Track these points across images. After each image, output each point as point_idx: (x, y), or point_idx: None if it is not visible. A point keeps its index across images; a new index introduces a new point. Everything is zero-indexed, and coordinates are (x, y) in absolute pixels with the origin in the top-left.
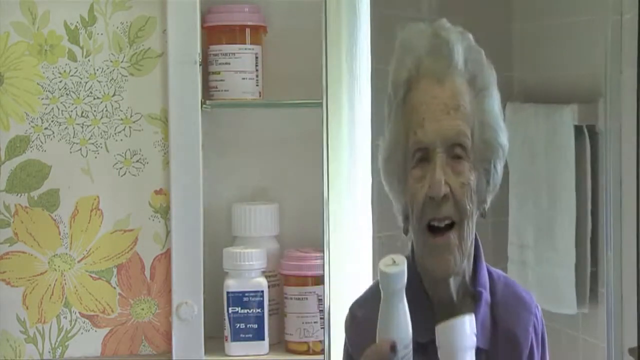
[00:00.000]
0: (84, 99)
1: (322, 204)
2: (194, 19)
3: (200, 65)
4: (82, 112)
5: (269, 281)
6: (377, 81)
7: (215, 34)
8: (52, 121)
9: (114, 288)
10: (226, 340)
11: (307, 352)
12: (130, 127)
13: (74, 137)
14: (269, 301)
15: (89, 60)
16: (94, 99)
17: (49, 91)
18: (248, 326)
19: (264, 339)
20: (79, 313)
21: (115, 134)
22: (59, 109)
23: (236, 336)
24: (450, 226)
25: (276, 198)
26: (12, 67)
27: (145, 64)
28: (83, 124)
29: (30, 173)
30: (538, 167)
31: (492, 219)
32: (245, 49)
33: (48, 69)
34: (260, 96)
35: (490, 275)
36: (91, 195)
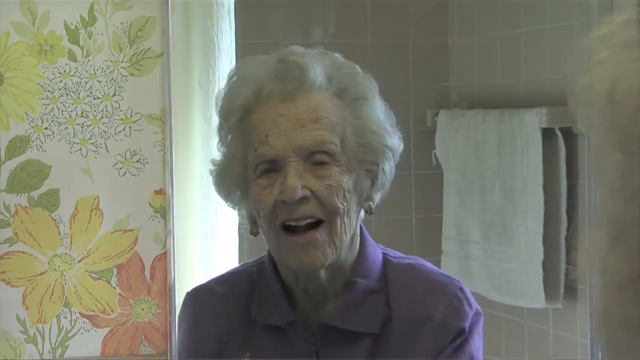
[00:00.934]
0: (84, 99)
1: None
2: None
3: None
4: (82, 112)
5: None
6: None
7: None
8: (52, 121)
9: (114, 288)
10: None
11: None
12: (130, 127)
13: (74, 137)
14: None
15: (89, 60)
16: (94, 99)
17: (49, 91)
18: None
19: None
20: (79, 313)
21: (115, 134)
22: (59, 109)
23: None
24: (314, 225)
25: None
26: (12, 67)
27: (145, 64)
28: (83, 124)
29: (30, 173)
30: (487, 167)
31: (423, 214)
32: None
33: (48, 69)
34: None
35: (389, 264)
36: (91, 195)
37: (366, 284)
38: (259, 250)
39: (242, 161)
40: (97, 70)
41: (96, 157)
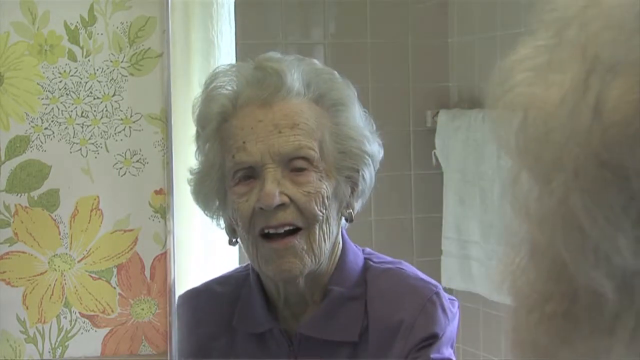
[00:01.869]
0: (84, 99)
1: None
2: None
3: None
4: (82, 112)
5: None
6: None
7: None
8: (52, 121)
9: (114, 288)
10: None
11: None
12: (130, 127)
13: (74, 137)
14: None
15: (89, 60)
16: (94, 99)
17: (49, 91)
18: None
19: None
20: (79, 313)
21: (115, 134)
22: (59, 109)
23: None
24: (293, 232)
25: None
26: (12, 67)
27: (145, 64)
28: (83, 124)
29: (30, 173)
30: (487, 167)
31: (423, 214)
32: None
33: (48, 69)
34: None
35: (370, 270)
36: (91, 195)
37: (342, 291)
38: None
39: (220, 169)
40: (97, 70)
41: (96, 157)
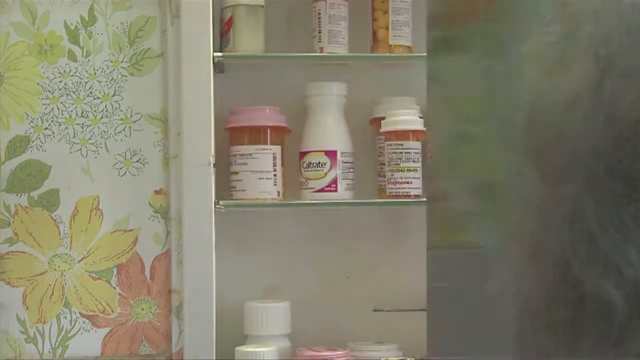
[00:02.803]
0: (84, 99)
1: None
2: (208, 121)
3: (214, 166)
4: (82, 112)
5: None
6: None
7: (237, 135)
8: (52, 121)
9: (114, 288)
10: None
11: None
12: (130, 127)
13: (74, 137)
14: None
15: (89, 60)
16: (94, 99)
17: (49, 91)
18: None
19: None
20: (79, 313)
21: (115, 134)
22: (59, 109)
23: None
24: None
25: (288, 296)
26: (12, 67)
27: (145, 64)
28: (83, 124)
29: (30, 173)
30: None
31: None
32: (264, 149)
33: (48, 69)
34: (279, 195)
35: None
36: (91, 195)
37: None
38: None
39: None
40: (97, 70)
41: (96, 157)
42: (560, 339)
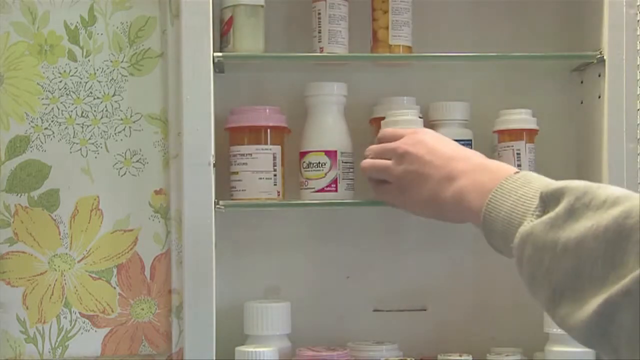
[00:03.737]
0: (84, 99)
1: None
2: (208, 121)
3: (214, 166)
4: (82, 112)
5: None
6: None
7: (237, 135)
8: (52, 121)
9: (114, 288)
10: None
11: None
12: (130, 127)
13: (74, 137)
14: None
15: (89, 60)
16: (94, 99)
17: (49, 91)
18: None
19: None
20: (79, 313)
21: (115, 134)
22: (59, 109)
23: None
24: None
25: (288, 296)
26: (12, 67)
27: (145, 64)
28: (83, 124)
29: (30, 173)
30: None
31: None
32: (264, 149)
33: (48, 69)
34: (279, 195)
35: None
36: (91, 195)
37: None
38: None
39: None
40: (97, 70)
41: (96, 157)
42: None
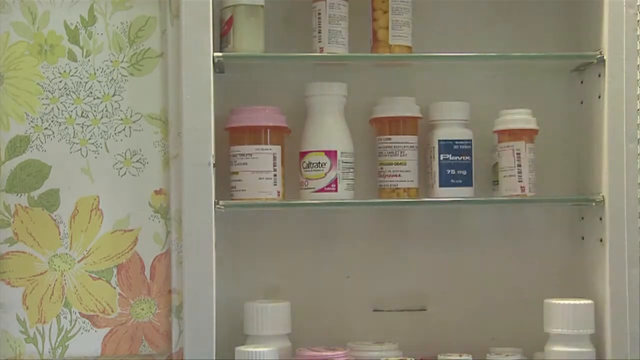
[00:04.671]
0: (84, 99)
1: None
2: (208, 121)
3: (214, 166)
4: (82, 112)
5: None
6: None
7: (237, 135)
8: (52, 121)
9: (114, 288)
10: None
11: None
12: (130, 127)
13: (74, 137)
14: None
15: (89, 60)
16: (94, 99)
17: (49, 91)
18: None
19: None
20: (79, 313)
21: (115, 134)
22: (59, 109)
23: None
24: None
25: (288, 296)
26: (12, 67)
27: (145, 64)
28: (83, 124)
29: (30, 173)
30: None
31: None
32: (264, 149)
33: (48, 69)
34: (279, 195)
35: None
36: (91, 195)
37: None
38: None
39: None
40: (97, 70)
41: (96, 157)
42: None
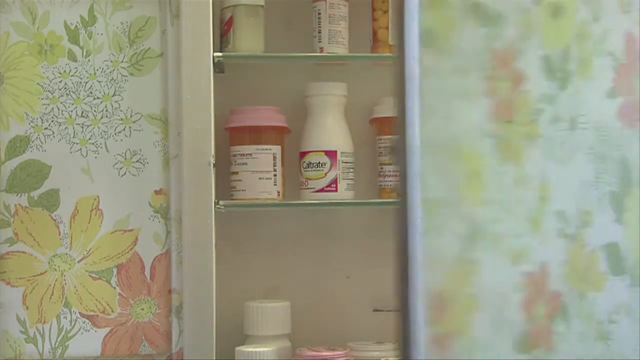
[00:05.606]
0: (84, 99)
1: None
2: (208, 121)
3: (214, 166)
4: (82, 112)
5: None
6: None
7: (237, 135)
8: (52, 121)
9: (114, 288)
10: None
11: None
12: (130, 127)
13: (74, 137)
14: None
15: (89, 60)
16: (94, 99)
17: (49, 91)
18: None
19: None
20: (79, 313)
21: (115, 134)
22: (59, 109)
23: None
24: None
25: (288, 296)
26: (12, 67)
27: (145, 64)
28: (83, 124)
29: (30, 173)
30: None
31: None
32: (264, 149)
33: (48, 69)
34: (279, 195)
35: None
36: (91, 195)
37: None
38: None
39: None
40: (97, 70)
41: (96, 157)
42: None
